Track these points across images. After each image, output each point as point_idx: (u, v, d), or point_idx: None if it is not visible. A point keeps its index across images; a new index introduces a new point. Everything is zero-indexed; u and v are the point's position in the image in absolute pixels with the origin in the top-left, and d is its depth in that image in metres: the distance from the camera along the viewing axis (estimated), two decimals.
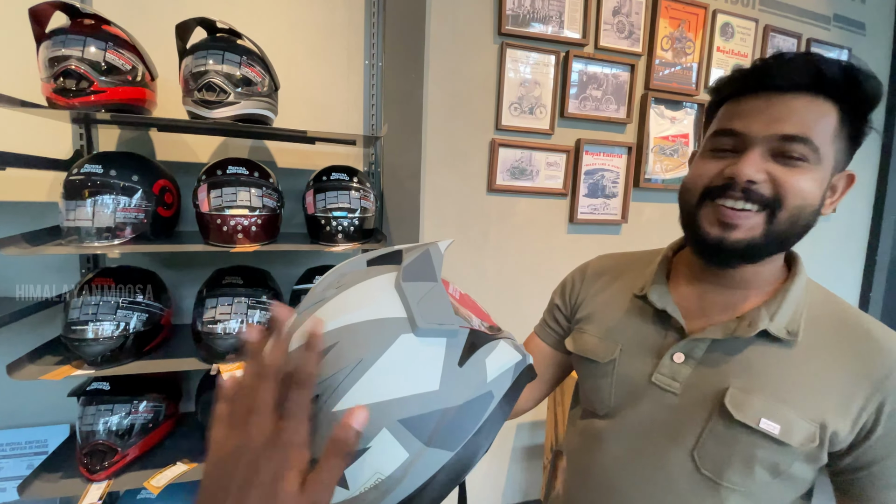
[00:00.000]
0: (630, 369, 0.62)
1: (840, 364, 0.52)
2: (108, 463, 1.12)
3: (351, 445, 0.33)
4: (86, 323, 1.07)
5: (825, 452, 0.52)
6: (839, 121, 0.51)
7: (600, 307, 0.70)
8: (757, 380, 0.54)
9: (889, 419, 0.50)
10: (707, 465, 0.55)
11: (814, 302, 0.57)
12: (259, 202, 1.17)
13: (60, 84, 1.01)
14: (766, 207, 0.51)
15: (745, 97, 0.54)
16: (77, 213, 1.07)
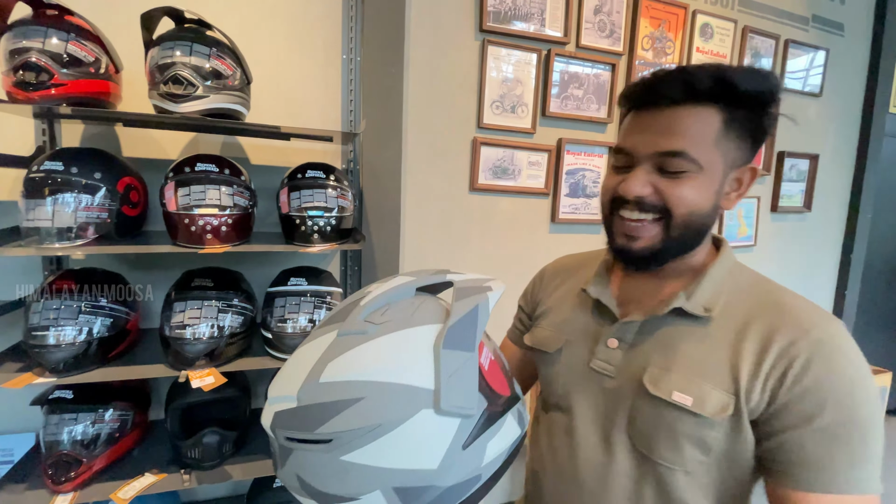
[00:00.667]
0: (574, 358, 0.67)
1: (755, 335, 0.54)
2: (73, 474, 1.06)
3: None
4: (46, 328, 1.02)
5: (745, 423, 0.53)
6: (724, 123, 0.54)
7: (554, 304, 0.75)
8: (674, 357, 0.58)
9: (794, 384, 0.51)
10: (641, 443, 0.58)
11: (738, 282, 0.60)
12: (230, 201, 1.12)
13: (20, 77, 0.96)
14: (660, 215, 0.56)
15: (638, 111, 0.58)
16: (37, 212, 1.01)
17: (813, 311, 0.55)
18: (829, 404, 0.49)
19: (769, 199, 2.44)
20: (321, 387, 0.43)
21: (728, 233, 2.36)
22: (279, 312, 1.18)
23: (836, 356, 0.51)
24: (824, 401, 0.50)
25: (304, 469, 0.45)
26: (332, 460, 0.43)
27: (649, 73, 0.57)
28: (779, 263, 2.55)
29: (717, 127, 0.54)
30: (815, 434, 0.50)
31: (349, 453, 0.42)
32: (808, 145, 2.45)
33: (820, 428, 0.50)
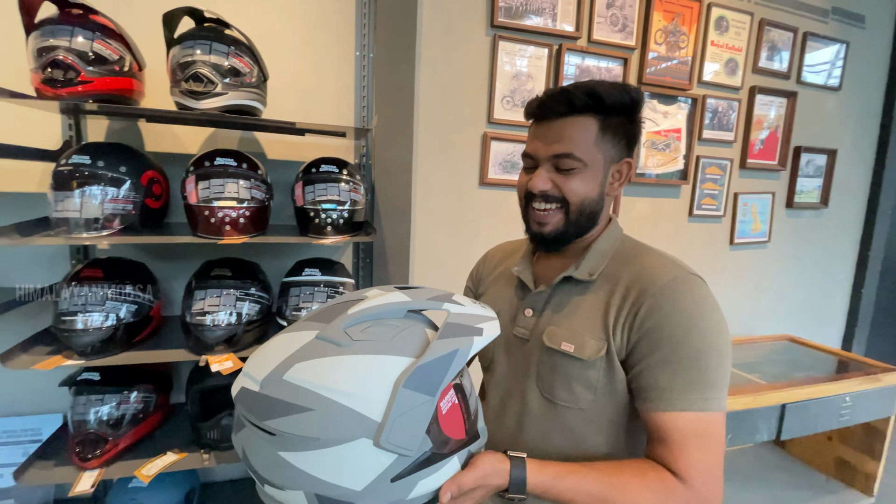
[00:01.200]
0: (502, 328, 0.75)
1: (618, 291, 0.68)
2: (99, 452, 1.13)
3: None
4: (75, 314, 1.08)
5: (616, 362, 0.66)
6: (599, 129, 0.68)
7: (491, 283, 0.88)
8: (564, 315, 0.72)
9: (640, 326, 0.64)
10: (545, 390, 0.72)
11: (620, 251, 0.74)
12: (247, 194, 1.17)
13: (48, 74, 1.01)
14: (560, 204, 0.70)
15: (537, 123, 0.72)
16: (65, 203, 1.07)
17: (668, 265, 0.68)
18: (667, 339, 0.62)
19: (784, 195, 2.41)
20: (282, 383, 0.47)
21: (741, 229, 2.34)
22: (294, 301, 1.23)
23: (676, 298, 0.63)
24: (663, 336, 0.62)
25: (248, 446, 0.50)
26: (271, 451, 0.47)
27: (541, 93, 0.71)
28: (794, 260, 2.52)
29: (595, 132, 0.68)
30: (658, 364, 0.63)
31: (286, 452, 0.46)
32: (826, 140, 2.41)
33: (662, 359, 0.62)
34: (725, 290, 2.36)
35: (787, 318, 2.56)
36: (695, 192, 2.18)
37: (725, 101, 2.14)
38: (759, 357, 2.18)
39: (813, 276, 2.59)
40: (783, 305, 2.54)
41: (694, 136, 2.09)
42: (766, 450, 2.30)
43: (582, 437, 0.70)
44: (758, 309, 2.48)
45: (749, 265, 2.42)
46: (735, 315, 2.42)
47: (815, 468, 2.13)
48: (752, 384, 1.75)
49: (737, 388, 1.69)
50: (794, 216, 2.47)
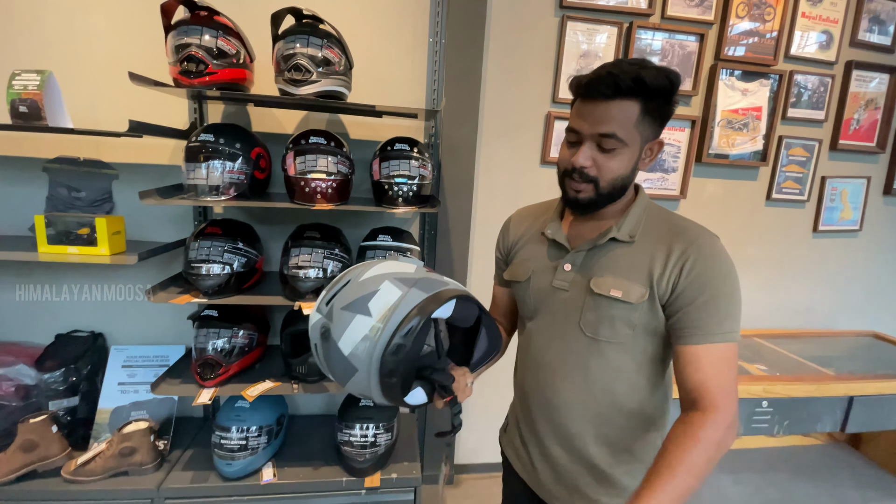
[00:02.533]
0: (540, 282, 0.90)
1: (662, 248, 0.79)
2: (214, 374, 1.41)
3: None
4: (201, 262, 1.34)
5: (657, 305, 0.78)
6: (641, 111, 0.75)
7: (521, 246, 0.97)
8: (609, 268, 0.82)
9: (687, 276, 0.75)
10: (588, 329, 0.83)
11: (651, 215, 0.85)
12: (335, 168, 1.36)
13: (185, 67, 1.25)
14: (592, 182, 0.79)
15: (584, 100, 0.78)
16: (195, 173, 1.32)
17: (699, 229, 0.80)
18: (707, 287, 0.74)
19: (882, 180, 2.21)
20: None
21: (827, 216, 2.19)
22: None
23: (712, 257, 0.76)
24: (704, 285, 0.74)
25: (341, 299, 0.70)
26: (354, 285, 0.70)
27: (592, 72, 0.76)
28: (889, 251, 2.32)
29: (637, 114, 0.75)
30: (701, 306, 0.74)
31: (364, 274, 0.71)
32: None
33: (704, 301, 0.74)
34: (806, 280, 2.24)
35: (877, 313, 2.37)
36: (775, 175, 2.08)
37: (816, 78, 2.00)
38: (836, 351, 2.07)
39: None
40: (873, 300, 2.36)
41: (777, 115, 1.99)
42: (838, 448, 2.19)
43: (617, 366, 0.82)
44: (842, 303, 2.32)
45: (835, 255, 2.27)
46: (816, 307, 2.29)
47: (888, 471, 2.00)
48: (819, 374, 1.69)
49: (799, 376, 1.65)
50: (893, 204, 2.26)
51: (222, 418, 1.48)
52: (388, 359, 0.64)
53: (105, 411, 1.60)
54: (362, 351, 0.65)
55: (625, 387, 0.83)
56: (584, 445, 0.86)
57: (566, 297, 0.85)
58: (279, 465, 1.52)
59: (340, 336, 0.66)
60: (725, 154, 1.99)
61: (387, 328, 0.64)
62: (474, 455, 2.10)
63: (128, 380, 1.64)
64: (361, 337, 0.65)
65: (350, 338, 0.65)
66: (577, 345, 0.84)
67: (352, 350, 0.65)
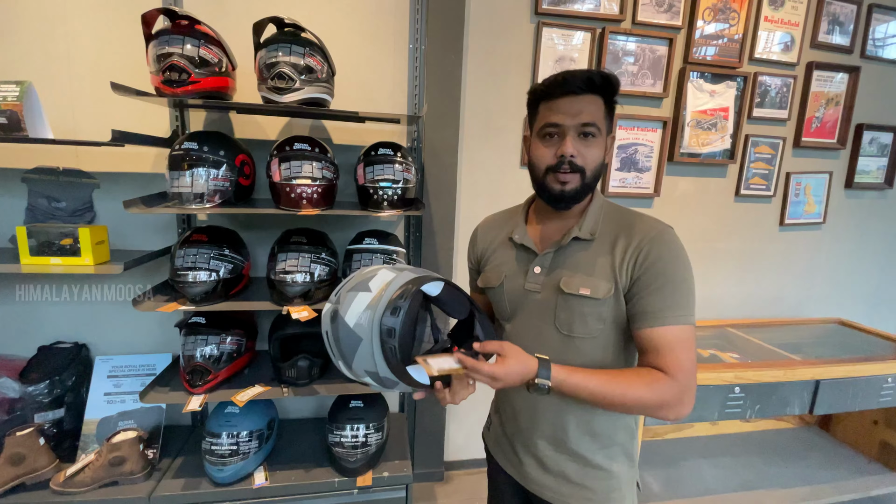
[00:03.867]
0: (513, 285, 0.94)
1: (619, 243, 0.84)
2: (203, 381, 1.42)
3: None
4: (188, 269, 1.35)
5: (621, 297, 0.83)
6: (604, 105, 0.84)
7: (491, 253, 1.02)
8: (576, 267, 0.87)
9: (640, 265, 0.81)
10: (563, 327, 0.87)
11: (607, 213, 0.90)
12: (319, 173, 1.38)
13: (167, 76, 1.26)
14: (578, 172, 0.84)
15: (557, 99, 0.83)
16: (179, 181, 1.33)
17: (651, 221, 0.86)
18: (661, 272, 0.80)
19: (843, 175, 2.33)
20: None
21: (793, 210, 2.30)
22: (356, 265, 1.44)
23: (664, 245, 0.81)
24: (659, 271, 0.80)
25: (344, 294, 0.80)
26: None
27: (559, 74, 0.83)
28: (851, 242, 2.44)
29: (602, 108, 0.83)
30: (655, 291, 0.80)
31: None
32: (893, 117, 2.29)
33: (657, 287, 0.80)
34: (774, 271, 2.35)
35: (841, 302, 2.50)
36: (742, 172, 2.17)
37: (779, 79, 2.10)
38: (804, 338, 2.18)
39: (873, 260, 2.50)
40: (837, 289, 2.48)
41: (743, 115, 2.09)
42: (810, 432, 2.30)
43: (592, 359, 0.87)
44: (808, 292, 2.44)
45: (801, 247, 2.38)
46: (784, 297, 2.40)
47: (857, 451, 2.12)
48: (787, 360, 1.79)
49: (768, 362, 1.74)
50: (854, 197, 2.39)
51: (212, 424, 1.48)
52: (387, 319, 0.72)
53: (92, 422, 1.59)
54: (365, 319, 0.74)
55: None
56: (568, 436, 0.91)
57: (539, 298, 0.90)
58: (271, 469, 1.53)
59: (346, 311, 0.76)
60: (696, 153, 2.08)
61: (384, 295, 0.74)
62: (463, 451, 2.15)
63: (114, 390, 1.64)
64: (364, 307, 0.75)
65: (354, 311, 0.75)
66: (554, 342, 0.89)
67: (356, 321, 0.75)
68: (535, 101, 0.88)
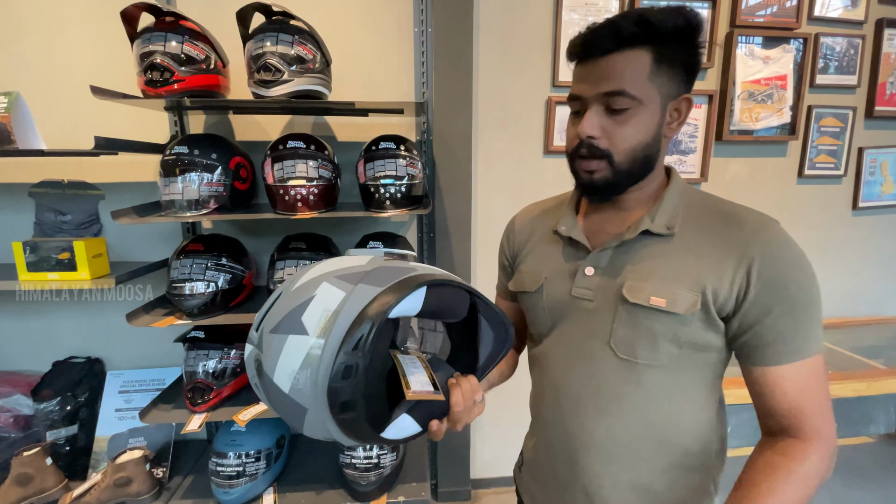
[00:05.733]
0: (555, 291, 0.74)
1: (712, 242, 0.64)
2: (206, 398, 1.33)
3: None
4: (183, 282, 1.27)
5: (713, 315, 0.62)
6: (654, 61, 0.60)
7: (530, 250, 0.81)
8: (646, 270, 0.66)
9: (758, 280, 0.60)
10: (622, 350, 0.67)
11: (691, 202, 0.69)
12: (315, 173, 1.26)
13: (149, 76, 1.18)
14: (604, 157, 0.64)
15: (581, 63, 0.65)
16: (171, 188, 1.25)
17: (757, 217, 0.64)
18: (786, 292, 0.59)
19: None
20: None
21: (867, 191, 1.99)
22: None
23: (784, 251, 0.61)
24: (782, 290, 0.59)
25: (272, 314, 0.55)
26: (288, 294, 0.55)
27: (584, 28, 0.64)
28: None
29: (649, 64, 0.61)
30: (779, 318, 0.60)
31: (301, 278, 0.56)
32: None
33: (782, 311, 0.59)
34: (848, 262, 2.04)
35: None
36: (806, 149, 1.89)
37: (845, 40, 1.81)
38: (886, 340, 1.88)
39: None
40: None
41: (804, 83, 1.81)
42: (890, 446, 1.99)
43: (661, 394, 0.67)
44: (891, 285, 2.11)
45: (879, 233, 2.06)
46: (861, 292, 2.08)
47: None
48: (870, 369, 1.51)
49: (847, 373, 1.48)
50: None
51: (219, 444, 1.40)
52: (339, 387, 0.48)
53: (103, 439, 1.55)
54: (304, 383, 0.49)
55: (670, 420, 0.68)
56: (617, 494, 0.70)
57: (590, 308, 0.69)
58: (280, 491, 1.44)
59: (274, 368, 0.50)
60: (749, 130, 1.82)
61: (328, 345, 0.48)
62: (491, 468, 1.99)
63: (124, 406, 1.59)
64: (300, 364, 0.49)
65: (286, 368, 0.50)
66: (608, 368, 0.68)
67: (292, 384, 0.50)
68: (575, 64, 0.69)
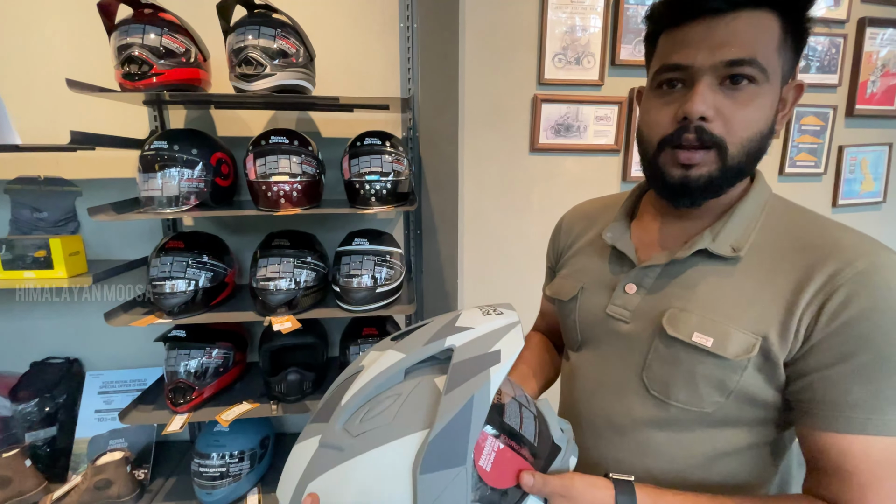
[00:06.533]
0: (590, 304, 0.65)
1: (788, 272, 0.51)
2: (188, 398, 1.31)
3: None
4: (163, 280, 1.24)
5: (776, 365, 0.50)
6: (782, 30, 0.50)
7: (574, 253, 0.73)
8: (696, 298, 0.55)
9: (830, 321, 0.47)
10: (655, 386, 0.57)
11: (775, 217, 0.56)
12: (299, 169, 1.25)
13: (127, 70, 1.15)
14: (715, 146, 0.52)
15: (683, 24, 0.51)
16: (150, 184, 1.22)
17: (862, 241, 0.50)
18: (871, 340, 0.46)
19: None
20: None
21: (847, 188, 2.03)
22: (345, 269, 1.31)
23: (882, 289, 0.46)
24: (865, 337, 0.46)
25: None
26: None
27: None
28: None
29: (778, 34, 0.50)
30: (852, 373, 0.47)
31: None
32: None
33: (860, 364, 0.46)
34: None
35: None
36: (787, 147, 1.92)
37: (827, 39, 1.83)
38: None
39: None
40: None
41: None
42: None
43: (699, 448, 0.56)
44: None
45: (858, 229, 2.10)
46: None
47: None
48: None
49: None
50: None
51: (201, 444, 1.38)
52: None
53: (83, 441, 1.52)
54: None
55: (709, 481, 0.56)
56: None
57: (626, 331, 0.60)
58: (265, 491, 1.42)
59: None
60: None
61: None
62: None
63: (104, 407, 1.56)
64: None
65: None
66: (637, 404, 0.58)
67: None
68: (654, 33, 0.56)
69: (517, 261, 1.72)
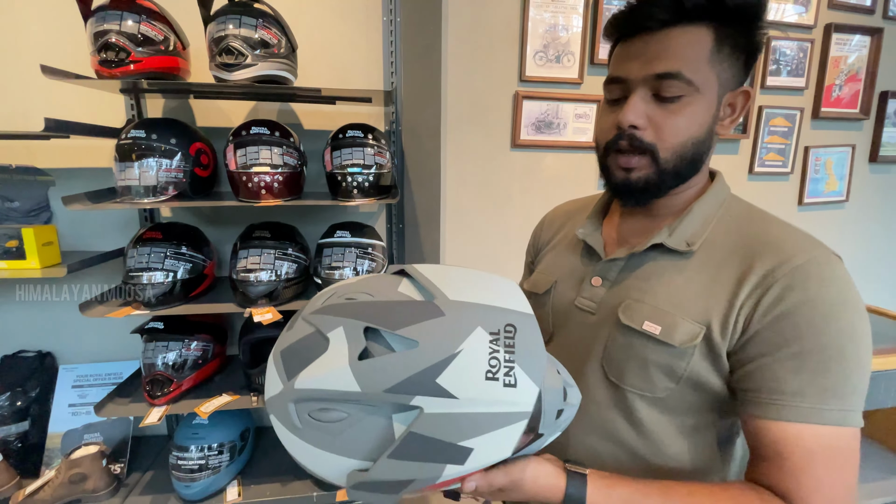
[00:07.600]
0: (561, 297, 0.69)
1: (732, 266, 0.55)
2: (166, 391, 1.30)
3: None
4: (140, 271, 1.23)
5: (719, 355, 0.54)
6: (715, 42, 0.53)
7: (550, 250, 0.77)
8: (651, 290, 0.59)
9: (766, 313, 0.50)
10: (612, 372, 0.61)
11: (729, 215, 0.60)
12: (280, 160, 1.25)
13: (103, 57, 1.13)
14: (647, 151, 0.56)
15: (627, 40, 0.57)
16: (127, 173, 1.21)
17: (801, 239, 0.54)
18: (803, 331, 0.48)
19: (867, 148, 2.14)
20: None
21: (812, 188, 2.12)
22: (327, 261, 1.31)
23: (815, 282, 0.49)
24: (798, 328, 0.49)
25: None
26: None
27: (627, 3, 0.56)
28: (879, 221, 2.25)
29: (710, 45, 0.53)
30: (787, 360, 0.49)
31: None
32: None
33: (793, 354, 0.49)
34: None
35: (868, 285, 2.30)
36: (756, 148, 1.99)
37: (795, 43, 1.91)
38: None
39: None
40: (863, 273, 2.29)
41: (756, 85, 1.90)
42: None
43: (656, 432, 0.58)
44: None
45: (822, 228, 2.19)
46: None
47: (887, 448, 1.95)
48: None
49: None
50: (879, 172, 2.19)
51: (180, 437, 1.37)
52: None
53: (56, 436, 1.49)
54: None
55: (666, 466, 0.59)
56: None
57: (591, 321, 0.63)
58: (245, 483, 1.42)
59: None
60: None
61: None
62: None
63: (79, 401, 1.53)
64: None
65: None
66: (598, 390, 0.62)
67: None
68: (611, 47, 0.61)
69: (497, 255, 1.75)
